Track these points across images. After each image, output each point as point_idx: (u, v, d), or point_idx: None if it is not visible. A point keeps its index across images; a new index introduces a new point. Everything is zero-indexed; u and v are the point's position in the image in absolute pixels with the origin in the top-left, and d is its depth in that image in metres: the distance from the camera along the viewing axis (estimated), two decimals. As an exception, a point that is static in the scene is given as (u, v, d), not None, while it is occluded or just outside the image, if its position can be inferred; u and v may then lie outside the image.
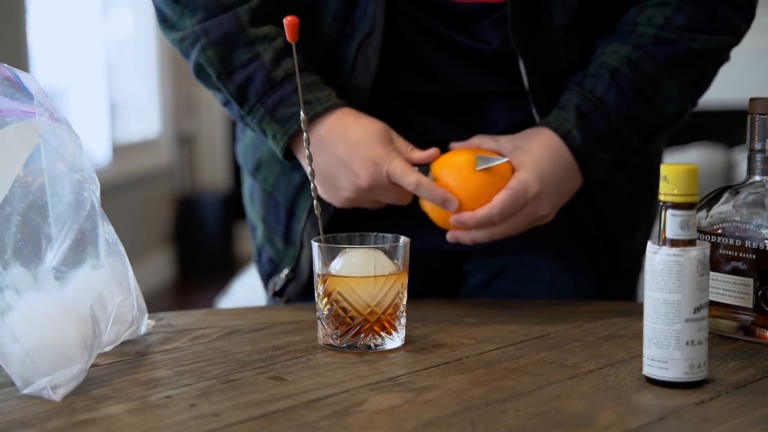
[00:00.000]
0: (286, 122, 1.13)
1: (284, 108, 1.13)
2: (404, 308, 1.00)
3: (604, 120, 1.14)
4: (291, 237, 1.26)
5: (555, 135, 1.13)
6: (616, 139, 1.14)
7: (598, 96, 1.14)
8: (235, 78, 1.14)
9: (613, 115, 1.14)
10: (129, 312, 0.97)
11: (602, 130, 1.14)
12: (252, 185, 1.32)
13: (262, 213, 1.30)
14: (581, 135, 1.13)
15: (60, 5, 4.39)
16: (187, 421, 0.79)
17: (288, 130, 1.13)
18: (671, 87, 1.15)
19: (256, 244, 1.34)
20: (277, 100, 1.13)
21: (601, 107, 1.14)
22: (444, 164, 1.12)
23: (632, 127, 1.15)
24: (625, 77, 1.14)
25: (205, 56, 1.14)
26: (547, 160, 1.12)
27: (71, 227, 0.90)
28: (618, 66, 1.14)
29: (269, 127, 1.15)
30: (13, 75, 0.90)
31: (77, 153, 0.92)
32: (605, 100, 1.14)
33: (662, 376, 0.86)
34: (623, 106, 1.14)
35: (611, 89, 1.14)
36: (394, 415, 0.80)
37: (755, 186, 1.01)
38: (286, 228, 1.27)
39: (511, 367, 0.93)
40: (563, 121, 1.14)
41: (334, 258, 1.00)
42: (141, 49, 5.10)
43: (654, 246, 0.87)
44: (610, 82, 1.14)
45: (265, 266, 1.32)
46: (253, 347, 1.00)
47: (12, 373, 0.84)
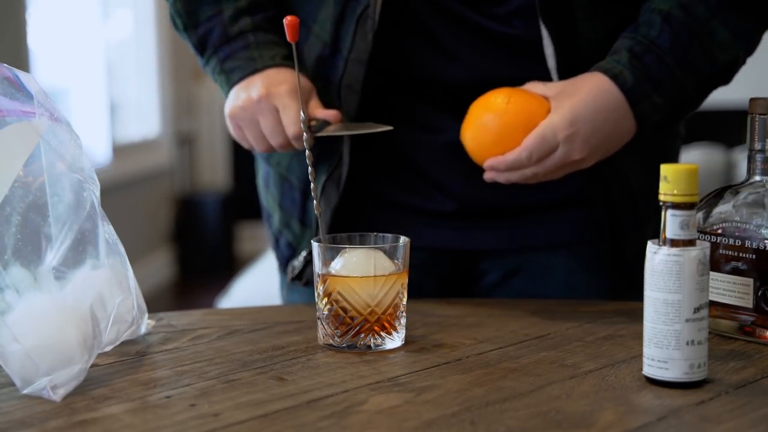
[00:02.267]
0: (230, 73, 1.20)
1: (231, 61, 1.21)
2: (404, 308, 1.00)
3: (659, 61, 1.12)
4: (307, 219, 1.27)
5: (605, 77, 1.11)
6: (670, 82, 1.12)
7: (651, 39, 1.12)
8: (198, 30, 1.23)
9: (668, 56, 1.12)
10: (129, 312, 0.97)
11: (656, 71, 1.12)
12: (267, 171, 1.34)
13: (278, 198, 1.31)
14: (633, 76, 1.11)
15: (60, 5, 4.39)
16: (187, 421, 0.79)
17: (230, 81, 1.20)
18: (723, 32, 1.13)
19: (273, 232, 1.34)
20: (228, 53, 1.21)
21: (654, 49, 1.12)
22: (480, 103, 1.13)
23: (687, 71, 1.13)
24: (677, 20, 1.12)
25: (175, 8, 1.25)
26: (587, 103, 1.10)
27: (71, 227, 0.90)
28: (670, 9, 1.13)
29: (219, 78, 1.22)
30: (13, 75, 0.90)
31: (77, 153, 0.92)
32: (659, 42, 1.12)
33: (662, 376, 0.86)
34: (678, 47, 1.12)
35: (665, 31, 1.12)
36: (394, 415, 0.80)
37: (755, 186, 1.01)
38: (301, 210, 1.28)
39: (511, 367, 0.93)
40: (615, 63, 1.12)
41: (334, 258, 1.00)
42: (141, 49, 5.10)
43: (654, 246, 0.87)
44: (662, 25, 1.12)
45: (284, 251, 1.33)
46: (253, 347, 1.00)
47: (12, 373, 0.84)
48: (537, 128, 1.09)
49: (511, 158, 1.09)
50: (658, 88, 1.12)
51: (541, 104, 1.11)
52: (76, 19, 4.47)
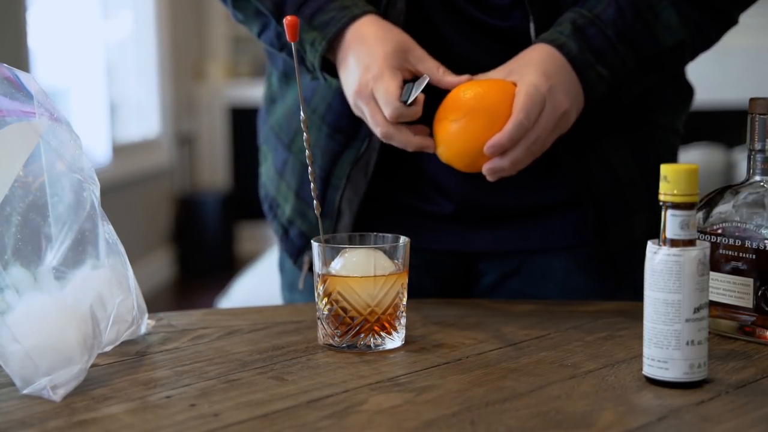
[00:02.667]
0: (324, 27, 1.13)
1: (322, 15, 1.13)
2: (404, 308, 1.00)
3: (600, 34, 1.12)
4: (326, 208, 1.24)
5: (550, 47, 1.11)
6: (612, 54, 1.12)
7: (596, 13, 1.13)
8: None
9: (610, 30, 1.12)
10: (129, 312, 0.97)
11: (598, 43, 1.12)
12: (285, 158, 1.30)
13: (296, 186, 1.28)
14: (577, 45, 1.11)
15: (60, 5, 4.39)
16: (187, 421, 0.79)
17: (327, 35, 1.12)
18: (671, 15, 1.14)
19: (282, 222, 1.32)
20: (315, 8, 1.14)
21: (597, 22, 1.12)
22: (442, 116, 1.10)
23: (628, 47, 1.13)
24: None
25: None
26: (546, 63, 1.10)
27: (71, 227, 0.90)
28: None
29: (308, 36, 1.14)
30: (13, 75, 0.90)
31: (77, 153, 0.92)
32: (603, 16, 1.13)
33: (662, 376, 0.86)
34: (620, 22, 1.13)
35: (610, 6, 1.13)
36: (394, 415, 0.80)
37: (755, 186, 1.01)
38: (321, 200, 1.24)
39: (511, 367, 0.93)
40: (558, 35, 1.12)
41: (334, 258, 1.00)
42: (141, 49, 5.10)
43: (654, 246, 0.87)
44: (609, 2, 1.13)
45: (295, 242, 1.30)
46: (253, 347, 1.00)
47: (12, 373, 0.84)
48: (517, 92, 1.07)
49: (511, 125, 1.06)
50: (600, 58, 1.12)
51: (501, 87, 1.09)
52: (76, 19, 4.47)
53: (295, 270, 1.36)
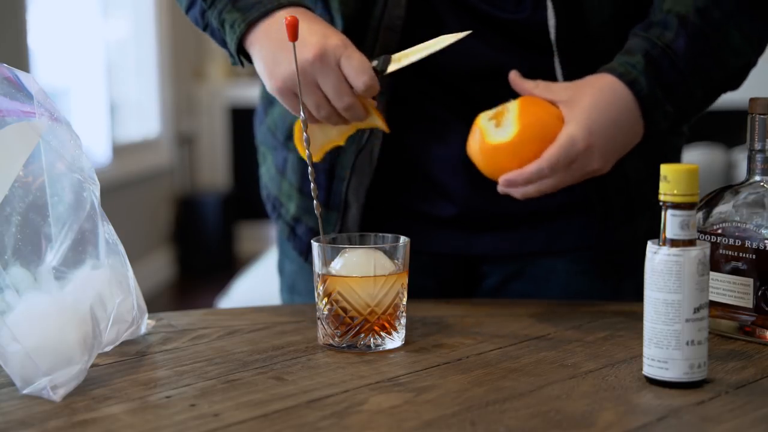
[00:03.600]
0: (248, 10, 1.09)
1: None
2: (404, 308, 1.00)
3: (673, 68, 1.09)
4: (332, 201, 1.23)
5: (620, 82, 1.09)
6: (681, 90, 1.10)
7: (667, 43, 1.09)
8: None
9: (682, 62, 1.09)
10: (129, 312, 0.97)
11: (670, 78, 1.09)
12: (284, 157, 1.29)
13: (298, 183, 1.27)
14: (648, 83, 1.09)
15: (60, 5, 4.39)
16: (187, 421, 0.79)
17: (247, 17, 1.08)
18: (735, 36, 1.12)
19: (287, 221, 1.30)
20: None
21: (670, 54, 1.09)
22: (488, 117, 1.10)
23: (698, 78, 1.11)
24: (694, 25, 1.10)
25: None
26: (601, 111, 1.07)
27: (71, 227, 0.90)
28: (686, 13, 1.10)
29: (229, 16, 1.10)
30: (13, 75, 0.90)
31: (77, 153, 0.92)
32: (674, 47, 1.09)
33: (662, 376, 0.86)
34: (692, 53, 1.10)
35: (680, 36, 1.09)
36: (394, 415, 0.80)
37: (755, 186, 1.01)
38: (326, 192, 1.23)
39: (511, 367, 0.93)
40: (630, 68, 1.09)
41: (334, 258, 1.00)
42: (141, 49, 5.10)
43: (654, 246, 0.87)
44: (678, 29, 1.10)
45: (304, 239, 1.29)
46: (253, 347, 1.00)
47: (12, 373, 0.84)
48: (556, 140, 1.06)
49: (531, 171, 1.06)
50: (670, 96, 1.10)
51: (551, 113, 1.08)
52: (76, 19, 4.47)
53: (295, 272, 1.35)
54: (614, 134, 1.09)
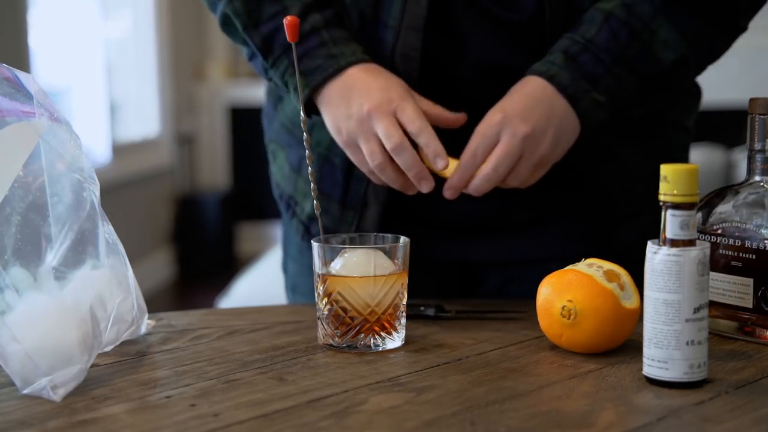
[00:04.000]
0: (310, 74, 1.13)
1: (308, 60, 1.13)
2: (404, 308, 1.00)
3: (595, 59, 1.11)
4: (349, 200, 1.23)
5: (541, 79, 1.11)
6: (609, 80, 1.11)
7: (588, 38, 1.11)
8: (261, 29, 1.16)
9: (604, 54, 1.11)
10: (129, 312, 0.97)
11: (593, 69, 1.11)
12: (301, 156, 1.29)
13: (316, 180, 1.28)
14: (570, 75, 1.10)
15: (60, 5, 4.39)
16: (187, 421, 0.79)
17: (311, 82, 1.13)
18: (668, 30, 1.12)
19: (302, 220, 1.30)
20: (302, 52, 1.13)
21: (590, 48, 1.11)
22: None
23: (626, 70, 1.11)
24: (617, 19, 1.11)
25: (232, 7, 1.17)
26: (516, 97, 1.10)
27: (71, 227, 0.90)
28: (612, 9, 1.12)
29: (292, 80, 1.15)
30: (13, 75, 0.90)
31: (77, 153, 0.92)
32: (596, 40, 1.11)
33: (662, 376, 0.86)
34: (615, 46, 1.11)
35: (603, 30, 1.11)
36: (394, 415, 0.80)
37: (755, 186, 1.01)
38: (344, 192, 1.24)
39: (511, 367, 0.93)
40: (550, 66, 1.11)
41: (334, 258, 1.00)
42: (141, 49, 5.10)
43: (654, 246, 0.87)
44: (602, 24, 1.11)
45: None
46: (253, 347, 1.00)
47: (12, 373, 0.84)
48: None
49: (461, 165, 1.09)
50: (596, 85, 1.11)
51: None
52: (76, 19, 4.47)
53: (297, 272, 1.35)
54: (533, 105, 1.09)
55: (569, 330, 0.95)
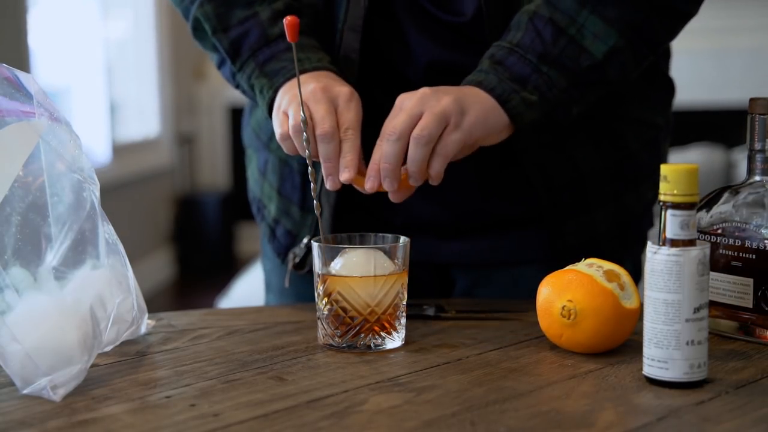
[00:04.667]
0: (274, 75, 1.13)
1: (274, 62, 1.14)
2: (404, 308, 1.00)
3: (521, 60, 1.10)
4: (307, 204, 1.25)
5: (471, 87, 1.09)
6: (537, 78, 1.10)
7: (514, 42, 1.11)
8: (230, 33, 1.17)
9: (530, 54, 1.10)
10: (129, 312, 0.97)
11: (519, 70, 1.10)
12: (265, 158, 1.31)
13: (278, 184, 1.29)
14: (497, 78, 1.09)
15: (60, 5, 4.39)
16: (187, 421, 0.79)
17: (274, 83, 1.13)
18: (595, 22, 1.11)
19: (268, 223, 1.32)
20: (269, 56, 1.14)
21: (516, 50, 1.10)
22: None
23: (555, 66, 1.11)
24: (541, 18, 1.11)
25: (203, 11, 1.18)
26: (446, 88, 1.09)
27: (71, 227, 0.90)
28: (535, 9, 1.12)
29: (257, 81, 1.15)
30: (13, 75, 0.90)
31: (77, 153, 0.92)
32: (521, 43, 1.11)
33: (662, 376, 0.86)
34: (539, 44, 1.10)
35: (528, 31, 1.11)
36: (394, 415, 0.80)
37: (755, 186, 1.01)
38: (302, 195, 1.25)
39: (511, 367, 0.93)
40: (477, 74, 1.11)
41: (334, 258, 1.00)
42: (141, 49, 5.10)
43: (654, 246, 0.87)
44: (527, 25, 1.11)
45: (282, 241, 1.30)
46: (253, 347, 1.00)
47: (12, 373, 0.84)
48: None
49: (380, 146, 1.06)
50: (525, 85, 1.10)
51: None
52: (76, 19, 4.47)
53: (270, 270, 1.36)
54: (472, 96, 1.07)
55: (569, 330, 0.95)
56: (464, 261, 1.26)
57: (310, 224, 1.25)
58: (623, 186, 1.26)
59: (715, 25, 4.19)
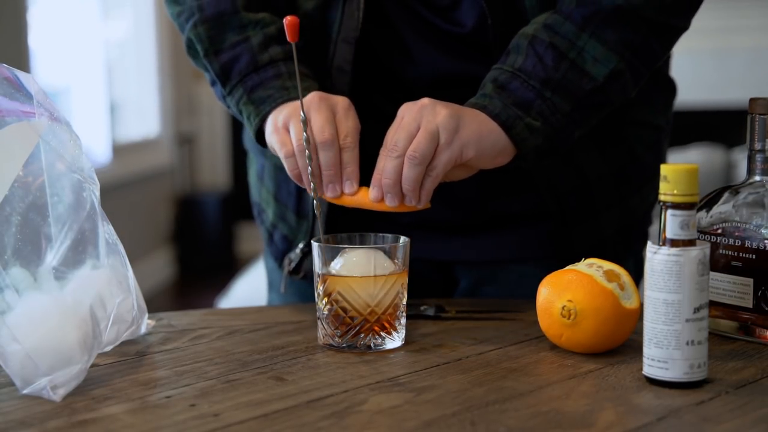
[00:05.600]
0: (261, 103, 1.13)
1: (261, 90, 1.14)
2: (404, 308, 1.00)
3: (524, 85, 1.10)
4: (303, 209, 1.25)
5: (476, 111, 1.09)
6: (541, 104, 1.10)
7: (516, 66, 1.11)
8: (221, 57, 1.16)
9: (533, 80, 1.09)
10: (129, 312, 0.97)
11: (523, 95, 1.09)
12: (262, 164, 1.32)
13: (274, 190, 1.30)
14: (501, 103, 1.09)
15: (60, 5, 4.39)
16: (187, 421, 0.79)
17: (261, 112, 1.13)
18: (594, 46, 1.10)
19: (267, 227, 1.33)
20: (257, 82, 1.14)
21: (519, 75, 1.10)
22: None
23: (558, 91, 1.10)
24: (541, 42, 1.10)
25: (196, 32, 1.17)
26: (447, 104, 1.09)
27: (71, 227, 0.90)
28: (535, 33, 1.11)
29: (245, 108, 1.15)
30: (13, 75, 0.90)
31: (77, 153, 0.92)
32: (523, 67, 1.10)
33: (662, 376, 0.86)
34: (541, 70, 1.10)
35: (529, 56, 1.10)
36: (394, 415, 0.80)
37: (755, 186, 1.01)
38: (297, 201, 1.26)
39: (511, 367, 0.93)
40: (481, 98, 1.10)
41: (334, 258, 1.00)
42: (141, 49, 5.10)
43: (654, 246, 0.87)
44: (528, 50, 1.10)
45: (279, 246, 1.31)
46: (253, 347, 1.00)
47: (12, 373, 0.84)
48: None
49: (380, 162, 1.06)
50: (529, 110, 1.09)
51: None
52: (76, 19, 4.47)
53: (271, 269, 1.36)
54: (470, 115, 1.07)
55: (569, 330, 0.95)
56: (469, 259, 1.26)
57: (305, 230, 1.26)
58: (629, 190, 1.26)
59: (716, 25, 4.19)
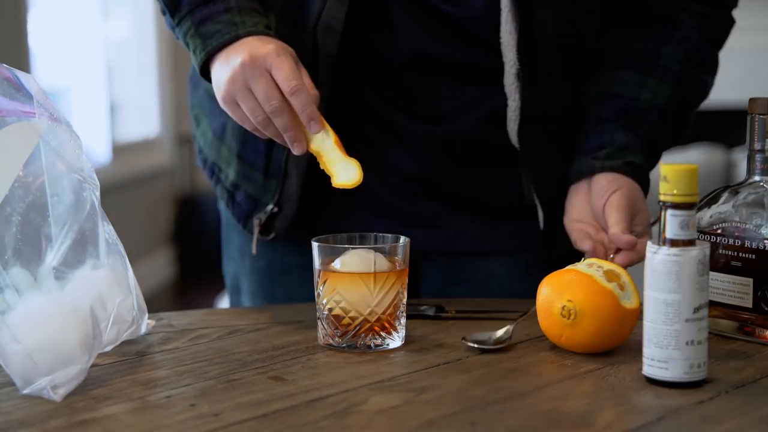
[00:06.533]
0: (208, 38, 1.10)
1: (210, 24, 1.11)
2: (404, 308, 1.00)
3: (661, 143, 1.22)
4: (272, 168, 1.22)
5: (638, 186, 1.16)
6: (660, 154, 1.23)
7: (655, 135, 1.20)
8: None
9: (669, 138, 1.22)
10: (129, 312, 0.97)
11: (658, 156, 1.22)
12: (223, 123, 1.28)
13: (238, 149, 1.26)
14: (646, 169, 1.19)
15: (60, 5, 4.39)
16: (187, 421, 0.79)
17: (207, 46, 1.10)
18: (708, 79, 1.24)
19: (227, 187, 1.28)
20: (206, 15, 1.11)
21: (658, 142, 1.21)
22: None
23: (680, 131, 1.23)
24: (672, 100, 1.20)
25: None
26: None
27: (71, 227, 0.90)
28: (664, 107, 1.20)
29: (192, 41, 1.12)
30: (13, 75, 0.90)
31: (77, 153, 0.92)
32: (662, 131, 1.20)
33: (662, 376, 0.86)
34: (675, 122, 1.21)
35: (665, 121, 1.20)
36: (394, 415, 0.80)
37: (755, 186, 1.01)
38: (266, 159, 1.22)
39: (511, 367, 0.93)
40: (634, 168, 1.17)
41: (334, 258, 1.00)
42: (141, 49, 5.10)
43: (654, 246, 0.87)
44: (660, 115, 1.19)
45: (243, 205, 1.27)
46: (253, 347, 1.00)
47: (12, 373, 0.84)
48: None
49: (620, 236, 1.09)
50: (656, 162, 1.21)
51: None
52: (76, 19, 4.47)
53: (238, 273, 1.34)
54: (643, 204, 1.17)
55: (569, 330, 0.95)
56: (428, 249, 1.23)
57: (273, 189, 1.22)
58: None
59: (715, 25, 4.17)
